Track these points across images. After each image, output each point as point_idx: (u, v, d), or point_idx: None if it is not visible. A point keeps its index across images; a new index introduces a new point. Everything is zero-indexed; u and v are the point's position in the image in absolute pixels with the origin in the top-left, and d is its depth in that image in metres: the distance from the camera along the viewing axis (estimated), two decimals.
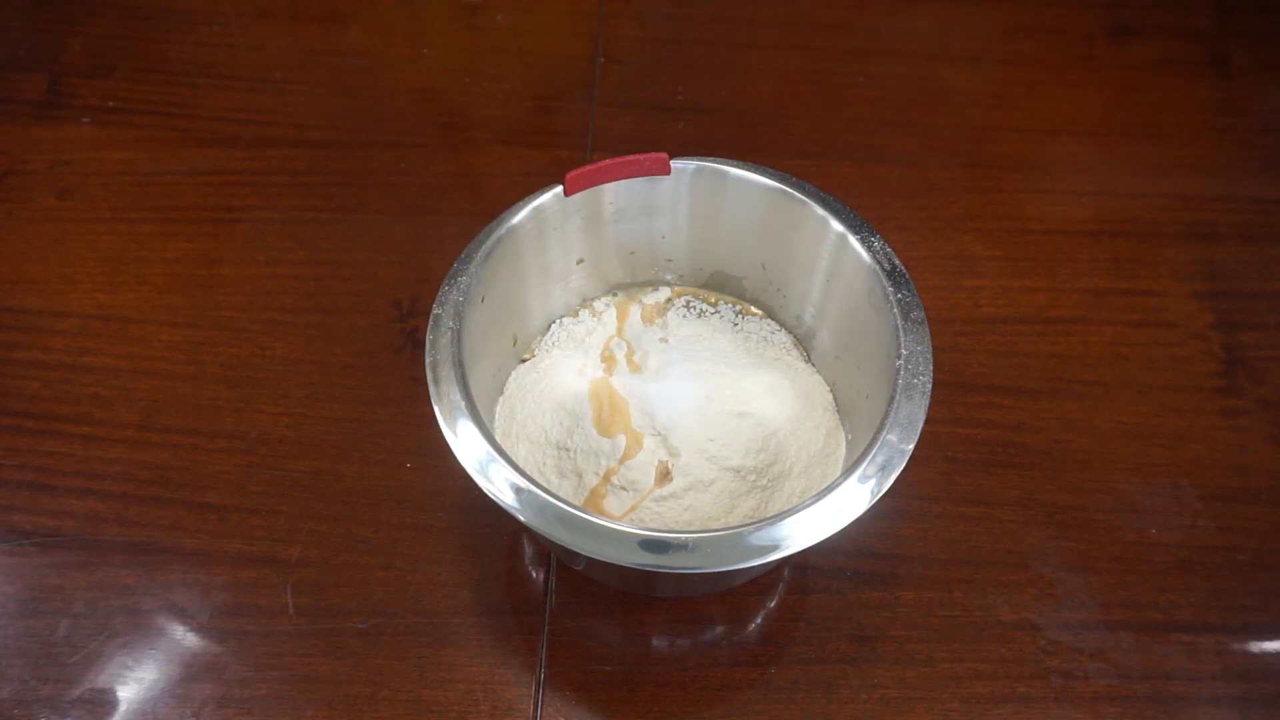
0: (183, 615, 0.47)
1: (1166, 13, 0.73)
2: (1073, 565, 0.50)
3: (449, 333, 0.41)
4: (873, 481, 0.38)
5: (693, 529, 0.42)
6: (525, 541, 0.50)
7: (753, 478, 0.44)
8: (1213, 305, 0.59)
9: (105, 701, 0.45)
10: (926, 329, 0.42)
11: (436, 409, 0.40)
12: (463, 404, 0.40)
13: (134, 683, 0.46)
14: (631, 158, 0.46)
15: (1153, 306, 0.59)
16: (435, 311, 0.42)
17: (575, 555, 0.38)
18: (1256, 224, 0.63)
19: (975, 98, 0.68)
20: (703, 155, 0.47)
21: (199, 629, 0.47)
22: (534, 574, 0.49)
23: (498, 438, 0.43)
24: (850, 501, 0.38)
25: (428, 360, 0.41)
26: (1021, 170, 0.65)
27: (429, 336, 0.41)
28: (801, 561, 0.50)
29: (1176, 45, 0.72)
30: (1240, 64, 0.71)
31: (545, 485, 0.38)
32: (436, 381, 0.40)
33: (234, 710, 0.45)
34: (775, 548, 0.37)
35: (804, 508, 0.37)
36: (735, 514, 0.44)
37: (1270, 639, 0.49)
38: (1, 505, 0.50)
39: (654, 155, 0.46)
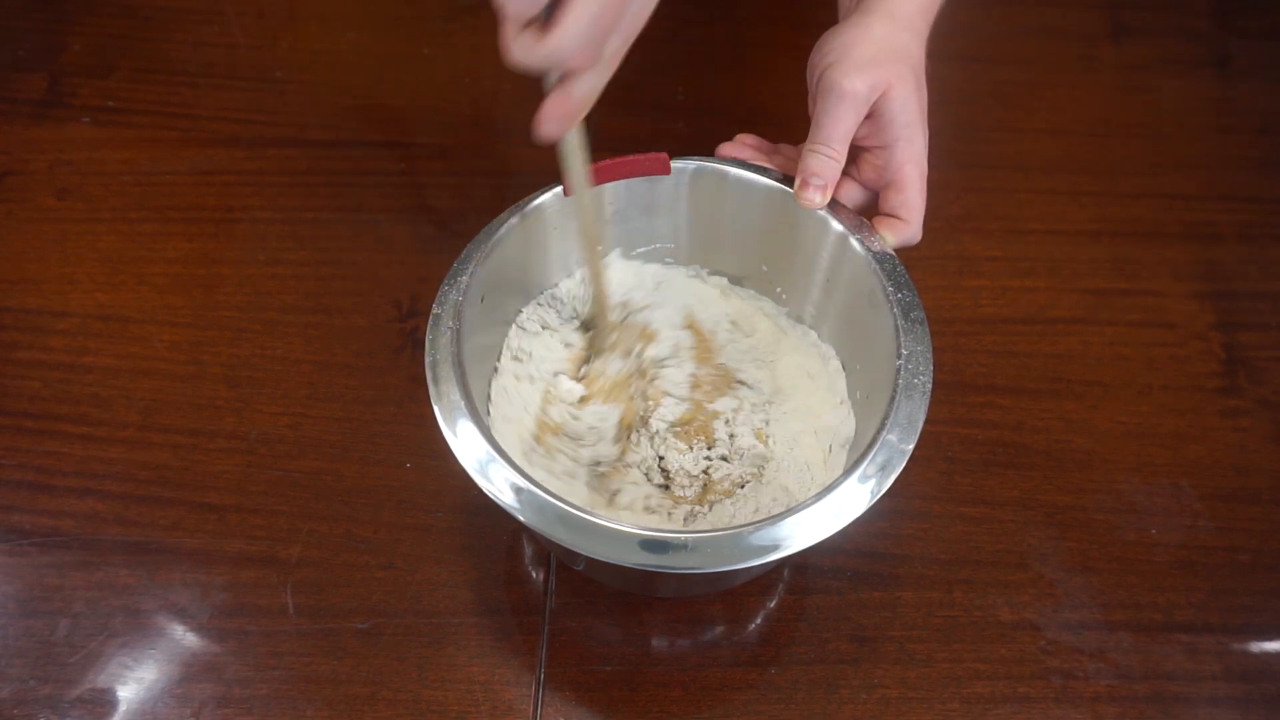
0: (183, 615, 0.47)
1: (1166, 13, 0.73)
2: (1073, 565, 0.50)
3: (449, 333, 0.41)
4: (873, 481, 0.38)
5: (694, 529, 0.42)
6: (525, 541, 0.50)
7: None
8: (1213, 305, 0.59)
9: (105, 701, 0.45)
10: (926, 329, 0.42)
11: (436, 409, 0.40)
12: (463, 404, 0.39)
13: (134, 683, 0.46)
14: (631, 158, 0.46)
15: (1153, 306, 0.59)
16: (435, 311, 0.42)
17: (575, 555, 0.38)
18: (1256, 224, 0.63)
19: (975, 98, 0.68)
20: (703, 155, 0.47)
21: (199, 629, 0.47)
22: (534, 574, 0.49)
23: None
24: (850, 501, 0.38)
25: (428, 360, 0.41)
26: (1021, 170, 0.65)
27: (429, 336, 0.41)
28: (801, 561, 0.50)
29: (1176, 45, 0.72)
30: (1240, 64, 0.71)
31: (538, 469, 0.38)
32: (436, 381, 0.40)
33: (234, 710, 0.45)
34: (775, 548, 0.37)
35: (804, 508, 0.37)
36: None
37: (1270, 639, 0.49)
38: (1, 505, 0.50)
39: (654, 155, 0.46)
